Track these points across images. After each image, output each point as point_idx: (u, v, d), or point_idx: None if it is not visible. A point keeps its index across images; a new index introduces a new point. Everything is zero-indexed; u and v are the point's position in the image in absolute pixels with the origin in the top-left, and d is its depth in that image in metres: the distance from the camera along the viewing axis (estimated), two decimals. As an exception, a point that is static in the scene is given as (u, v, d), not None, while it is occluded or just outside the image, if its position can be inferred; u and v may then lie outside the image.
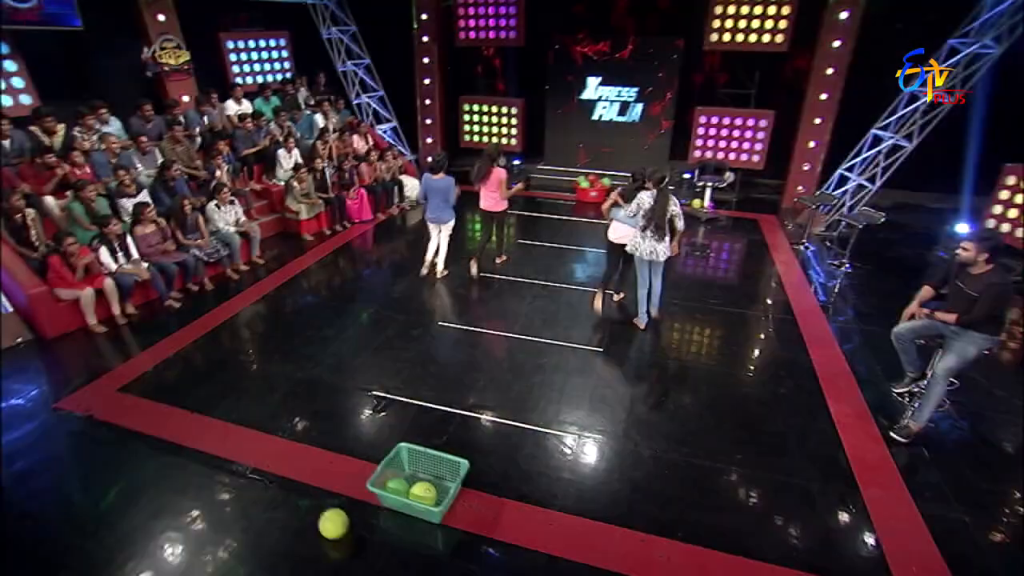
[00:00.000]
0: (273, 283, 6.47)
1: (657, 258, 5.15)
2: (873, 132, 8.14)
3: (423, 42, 10.17)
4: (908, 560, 3.10)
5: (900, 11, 8.40)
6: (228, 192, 6.58)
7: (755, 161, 9.56)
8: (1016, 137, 7.43)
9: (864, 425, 4.18)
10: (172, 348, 5.12)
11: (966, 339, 3.86)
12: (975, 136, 7.80)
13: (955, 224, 7.78)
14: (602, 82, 10.20)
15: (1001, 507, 3.52)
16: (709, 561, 3.08)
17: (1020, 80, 7.17)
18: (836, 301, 6.26)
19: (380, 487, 3.35)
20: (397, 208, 8.94)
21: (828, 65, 8.52)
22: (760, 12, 8.49)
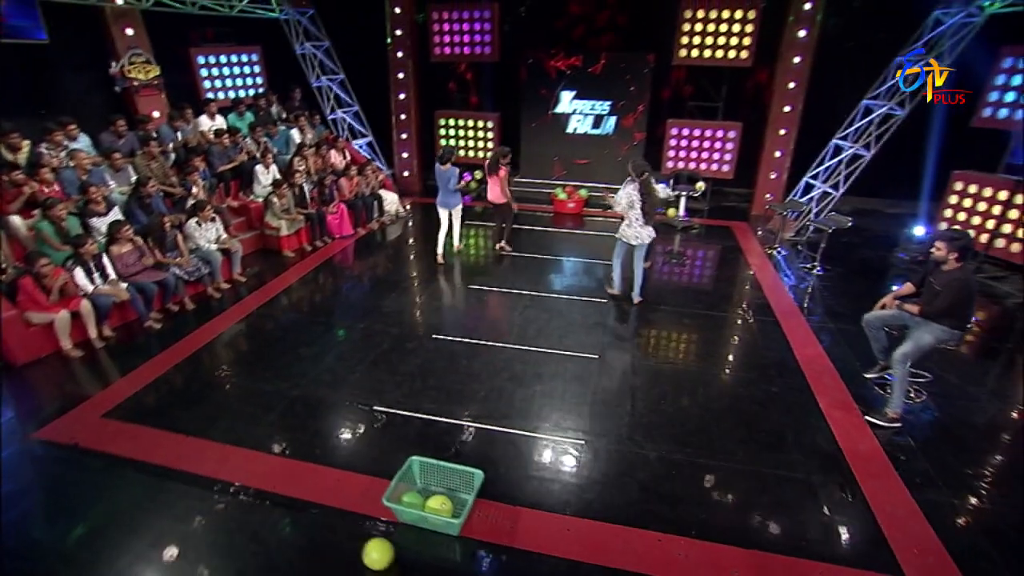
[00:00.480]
0: (257, 301, 6.32)
1: (642, 242, 5.95)
2: (834, 142, 8.61)
3: (398, 57, 10.19)
4: (909, 543, 3.26)
5: (852, 31, 8.94)
6: (211, 209, 6.40)
7: (725, 171, 9.93)
8: (962, 146, 7.98)
9: (853, 418, 4.38)
10: (156, 371, 4.93)
11: (924, 328, 4.16)
12: (925, 145, 8.35)
13: (912, 227, 8.26)
14: (576, 96, 10.43)
15: (981, 489, 3.74)
16: (724, 557, 3.16)
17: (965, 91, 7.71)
18: (812, 302, 6.55)
19: (395, 502, 3.30)
20: (377, 223, 8.88)
21: (790, 79, 8.99)
22: (725, 29, 8.89)
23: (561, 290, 6.78)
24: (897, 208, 9.79)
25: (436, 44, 10.11)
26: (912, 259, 7.67)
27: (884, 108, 8.00)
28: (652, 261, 7.71)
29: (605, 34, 10.34)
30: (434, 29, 9.98)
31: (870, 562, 3.15)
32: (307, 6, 9.64)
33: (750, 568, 3.09)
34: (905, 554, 3.19)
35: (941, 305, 4.04)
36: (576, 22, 10.42)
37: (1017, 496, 3.68)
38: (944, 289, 4.03)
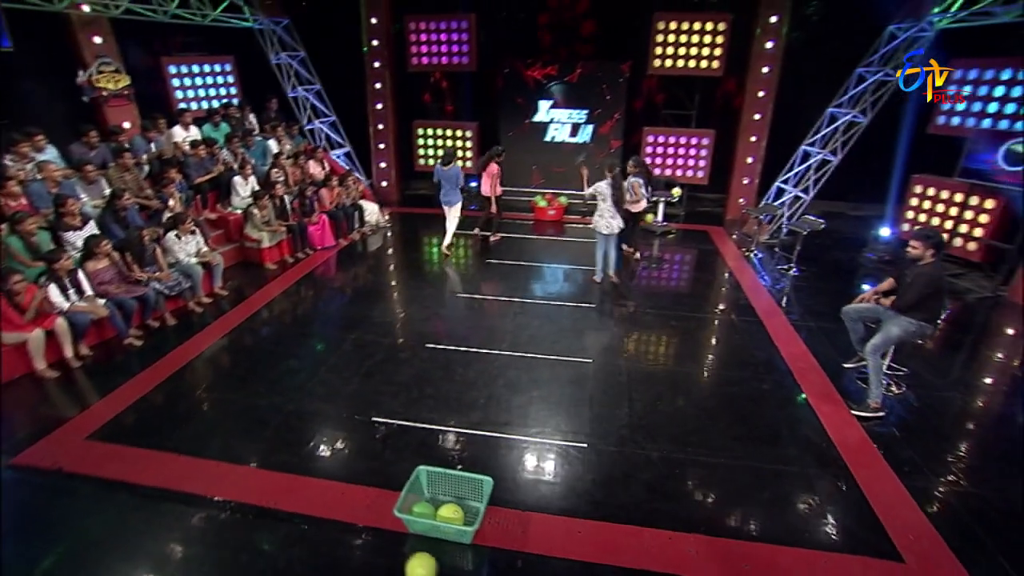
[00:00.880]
0: (241, 315, 6.16)
1: (613, 231, 6.72)
2: (802, 148, 8.99)
3: (374, 67, 10.16)
4: (904, 529, 3.40)
5: (815, 44, 9.35)
6: (191, 221, 6.23)
7: (700, 177, 10.22)
8: (921, 151, 8.43)
9: (840, 412, 4.55)
10: (140, 389, 4.75)
11: (893, 322, 4.39)
12: (887, 151, 8.78)
13: (878, 229, 8.66)
14: (553, 105, 10.59)
15: (963, 474, 3.93)
16: (734, 551, 3.24)
17: (921, 101, 8.16)
18: (791, 302, 6.78)
19: (406, 512, 3.27)
20: (358, 233, 8.79)
21: (759, 88, 9.34)
22: (697, 41, 9.20)
23: (549, 296, 6.84)
24: (861, 211, 10.23)
25: (413, 54, 10.12)
26: (879, 259, 8.03)
27: (848, 116, 8.40)
28: (636, 247, 8.18)
29: (581, 44, 10.51)
30: (411, 39, 10.00)
31: (870, 549, 3.27)
32: (281, 15, 9.53)
33: (759, 561, 3.17)
34: (902, 540, 3.33)
35: (909, 298, 4.26)
36: (552, 32, 10.56)
37: (996, 479, 3.88)
38: (913, 282, 4.25)
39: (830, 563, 3.18)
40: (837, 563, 3.18)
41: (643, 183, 7.79)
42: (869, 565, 3.17)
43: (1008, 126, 7.14)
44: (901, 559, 3.21)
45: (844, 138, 8.46)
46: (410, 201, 11.30)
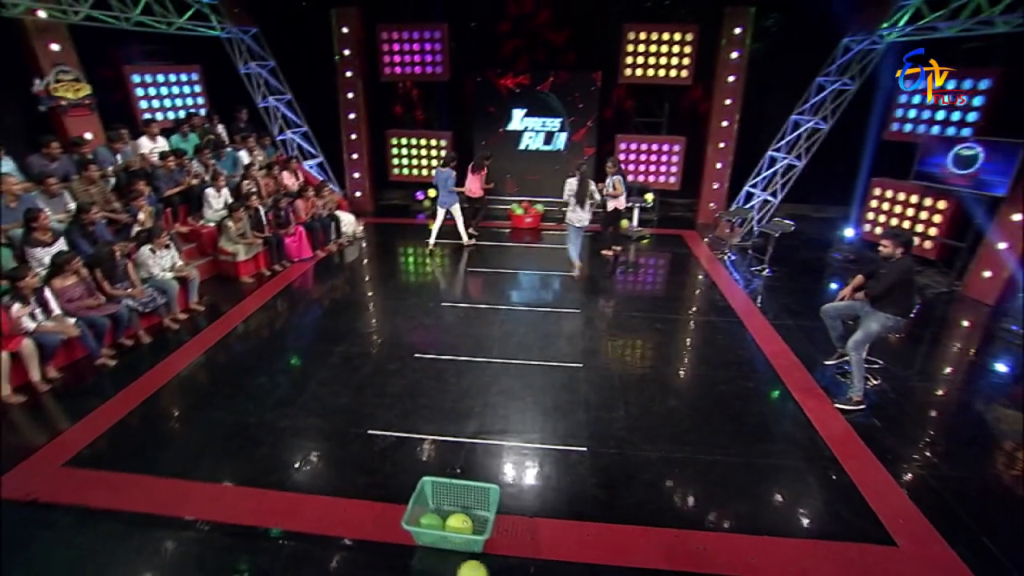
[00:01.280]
0: (220, 330, 5.96)
1: (583, 224, 7.36)
2: (769, 154, 9.35)
3: (346, 77, 10.05)
4: (894, 514, 3.56)
5: (777, 54, 9.76)
6: (166, 236, 6.00)
7: (672, 182, 10.50)
8: (879, 156, 8.88)
9: (824, 406, 4.74)
10: (118, 411, 4.54)
11: (871, 318, 4.61)
12: (847, 155, 9.22)
13: (842, 230, 9.07)
14: (527, 113, 10.69)
15: (940, 459, 4.15)
16: (739, 545, 3.32)
17: (878, 108, 8.64)
18: (766, 301, 7.02)
19: (414, 525, 3.22)
20: (335, 244, 8.64)
21: (726, 96, 9.68)
22: (666, 50, 9.49)
23: (533, 302, 6.88)
24: (824, 213, 10.70)
25: (386, 64, 10.07)
26: (845, 258, 8.41)
27: (811, 123, 8.80)
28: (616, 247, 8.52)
29: (553, 54, 10.67)
30: (383, 49, 9.94)
31: (865, 535, 3.41)
32: (250, 24, 9.34)
33: (765, 553, 3.26)
34: (893, 524, 3.48)
35: (880, 287, 4.48)
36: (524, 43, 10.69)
37: (970, 462, 4.12)
38: (887, 273, 4.48)
39: (829, 551, 3.30)
40: (836, 551, 3.30)
41: (622, 180, 8.08)
42: (865, 551, 3.30)
43: (955, 132, 7.62)
44: (894, 543, 3.36)
45: (808, 144, 8.86)
46: (385, 211, 11.20)
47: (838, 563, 3.22)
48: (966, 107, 7.51)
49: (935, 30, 7.38)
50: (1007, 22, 6.41)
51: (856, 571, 3.17)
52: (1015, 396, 5.02)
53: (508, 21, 10.50)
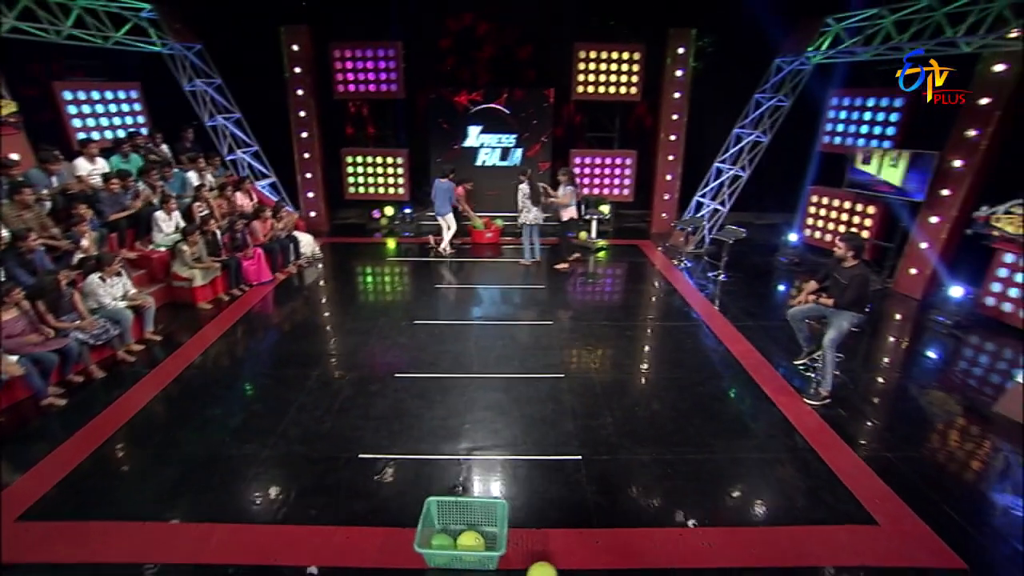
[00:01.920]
0: (182, 360, 5.61)
1: (539, 221, 8.37)
2: (716, 165, 9.91)
3: (297, 95, 9.81)
4: (871, 496, 3.83)
5: (717, 72, 10.41)
6: (118, 263, 5.60)
7: (625, 194, 10.90)
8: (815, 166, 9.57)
9: (795, 401, 5.03)
10: (74, 455, 4.17)
11: (841, 317, 4.95)
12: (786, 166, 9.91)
13: (785, 235, 9.71)
14: (483, 130, 10.82)
15: (902, 443, 4.51)
16: (740, 538, 3.47)
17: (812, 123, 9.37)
18: (727, 304, 7.38)
19: (425, 547, 3.15)
20: (295, 266, 8.35)
21: (673, 112, 10.20)
22: (616, 69, 9.92)
23: (505, 316, 6.92)
24: (765, 219, 11.41)
25: (339, 81, 9.92)
26: (790, 261, 9.00)
27: (752, 136, 9.42)
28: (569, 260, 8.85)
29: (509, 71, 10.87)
30: (336, 67, 9.80)
31: (849, 517, 3.65)
32: (193, 41, 8.97)
33: (765, 543, 3.42)
34: (871, 504, 3.75)
35: (851, 297, 4.84)
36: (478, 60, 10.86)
37: (925, 442, 4.51)
38: (850, 283, 4.84)
39: (821, 536, 3.50)
40: (826, 535, 3.51)
41: (573, 190, 8.39)
42: (853, 532, 3.53)
43: (877, 144, 8.38)
44: (875, 522, 3.61)
45: (750, 156, 9.46)
46: (341, 231, 10.94)
47: (829, 546, 3.43)
48: (885, 122, 8.30)
49: (853, 54, 8.15)
50: (912, 48, 7.17)
51: (847, 552, 3.38)
52: (945, 379, 5.55)
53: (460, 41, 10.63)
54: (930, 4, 6.84)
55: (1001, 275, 6.80)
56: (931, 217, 7.49)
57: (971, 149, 7.07)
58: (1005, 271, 6.76)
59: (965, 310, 6.88)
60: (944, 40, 6.79)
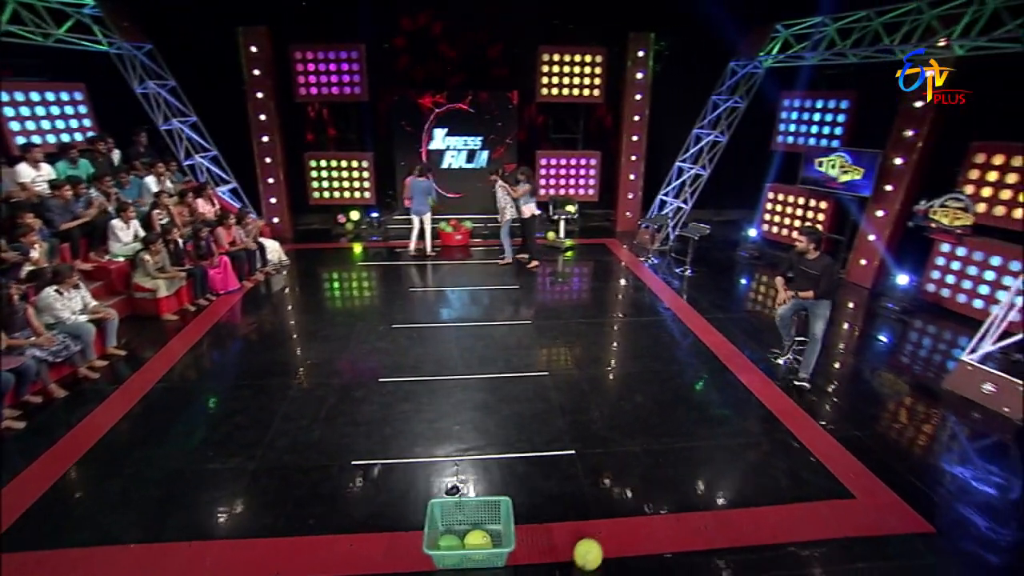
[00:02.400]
0: (151, 375, 5.36)
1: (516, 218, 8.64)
2: (677, 164, 10.26)
3: (257, 98, 9.50)
4: (846, 472, 4.09)
5: (676, 74, 10.77)
6: (76, 275, 5.28)
7: (591, 194, 11.13)
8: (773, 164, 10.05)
9: (768, 388, 5.29)
10: (40, 482, 3.90)
11: (821, 306, 5.24)
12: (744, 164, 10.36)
13: (745, 231, 10.16)
14: (449, 132, 10.80)
15: (869, 422, 4.83)
16: (733, 519, 3.64)
17: (767, 124, 9.84)
18: (695, 298, 7.66)
19: (433, 548, 3.15)
20: (262, 273, 8.09)
21: (635, 113, 10.50)
22: (579, 71, 10.13)
23: (482, 317, 6.94)
24: (723, 216, 11.87)
25: (301, 84, 9.68)
26: (751, 256, 9.43)
27: (711, 136, 9.81)
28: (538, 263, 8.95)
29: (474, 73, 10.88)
30: (297, 69, 9.56)
31: (830, 493, 3.89)
32: (143, 40, 8.54)
33: (756, 523, 3.60)
34: (847, 480, 4.01)
35: (826, 286, 5.12)
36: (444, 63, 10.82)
37: (887, 420, 4.85)
38: (823, 273, 5.11)
39: (805, 512, 3.71)
40: (810, 511, 3.73)
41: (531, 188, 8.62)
42: (833, 506, 3.77)
43: (827, 143, 8.91)
44: (852, 496, 3.87)
45: (710, 155, 9.84)
46: (305, 236, 10.67)
47: (814, 521, 3.64)
48: (833, 123, 8.84)
49: (802, 59, 8.63)
50: (856, 54, 7.68)
51: (830, 525, 3.60)
52: (898, 361, 5.98)
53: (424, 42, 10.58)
54: (868, 14, 7.33)
55: (939, 263, 7.36)
56: (877, 211, 8.02)
57: (909, 148, 7.62)
58: (943, 259, 7.33)
59: (910, 296, 7.42)
60: (882, 47, 7.28)
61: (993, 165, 6.80)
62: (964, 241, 7.01)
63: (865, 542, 3.49)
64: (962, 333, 6.52)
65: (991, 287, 6.82)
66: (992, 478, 4.11)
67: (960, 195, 6.96)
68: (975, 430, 4.76)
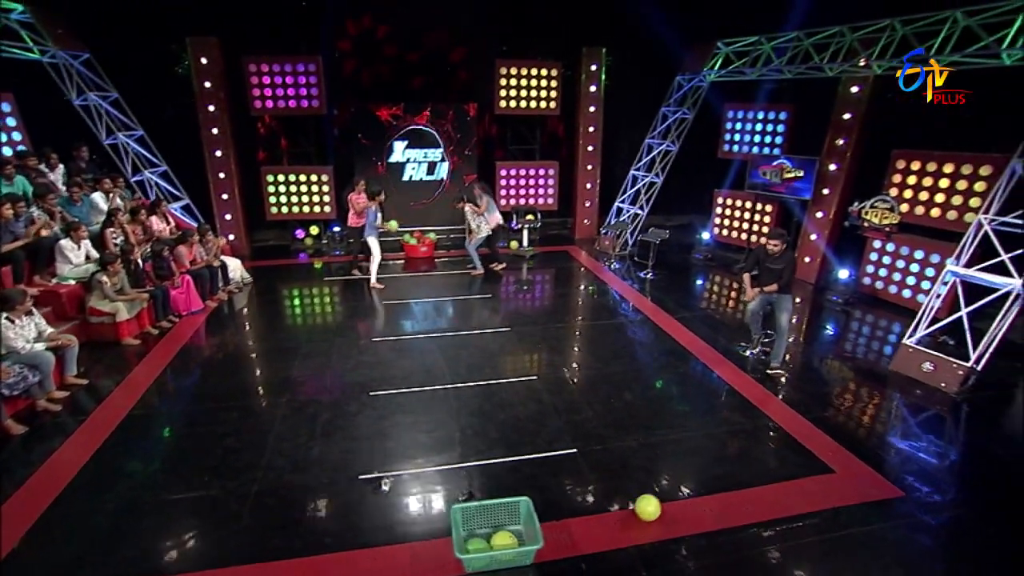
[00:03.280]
0: (122, 402, 5.04)
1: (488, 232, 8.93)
2: (632, 173, 10.74)
3: (209, 112, 9.13)
4: (824, 450, 4.47)
5: (625, 88, 11.30)
6: (28, 300, 4.88)
7: (550, 203, 11.43)
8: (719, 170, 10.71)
9: (742, 378, 5.67)
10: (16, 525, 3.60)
11: (786, 300, 5.69)
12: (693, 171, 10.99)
13: (700, 234, 10.76)
14: (408, 145, 10.79)
15: (837, 404, 5.29)
16: (733, 500, 3.89)
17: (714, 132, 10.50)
18: (661, 299, 8.04)
19: (463, 552, 3.19)
20: (224, 292, 7.75)
21: (589, 124, 10.92)
22: (536, 84, 10.44)
23: (462, 327, 6.99)
24: (674, 220, 12.48)
25: (256, 97, 9.39)
26: (705, 258, 10.00)
27: (662, 146, 10.36)
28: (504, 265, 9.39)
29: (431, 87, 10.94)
30: (252, 82, 9.28)
31: (812, 470, 4.24)
32: (79, 48, 8.03)
33: (753, 502, 3.87)
34: (826, 456, 4.38)
35: (789, 278, 5.57)
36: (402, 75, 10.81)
37: (850, 400, 5.33)
38: (786, 267, 5.57)
39: (794, 488, 4.03)
40: (798, 487, 4.05)
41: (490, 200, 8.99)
42: (818, 481, 4.11)
43: (769, 151, 9.64)
44: (832, 471, 4.23)
45: (662, 163, 10.39)
46: (262, 253, 10.30)
47: (803, 496, 3.96)
48: (773, 132, 9.59)
49: (743, 74, 9.32)
50: (790, 71, 8.40)
51: (817, 498, 3.93)
52: (848, 348, 6.58)
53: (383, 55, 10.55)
54: (798, 35, 8.06)
55: (873, 258, 8.13)
56: (817, 212, 8.76)
57: (841, 155, 8.41)
58: (875, 255, 8.10)
59: (851, 289, 8.15)
60: (813, 65, 8.01)
61: (912, 170, 7.61)
62: (892, 238, 7.79)
63: (849, 510, 3.84)
64: (896, 320, 7.24)
65: (916, 278, 7.61)
66: (936, 444, 4.63)
67: (887, 197, 7.74)
68: (919, 404, 5.32)
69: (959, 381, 5.45)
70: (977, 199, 6.82)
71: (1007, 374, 5.85)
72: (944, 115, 6.79)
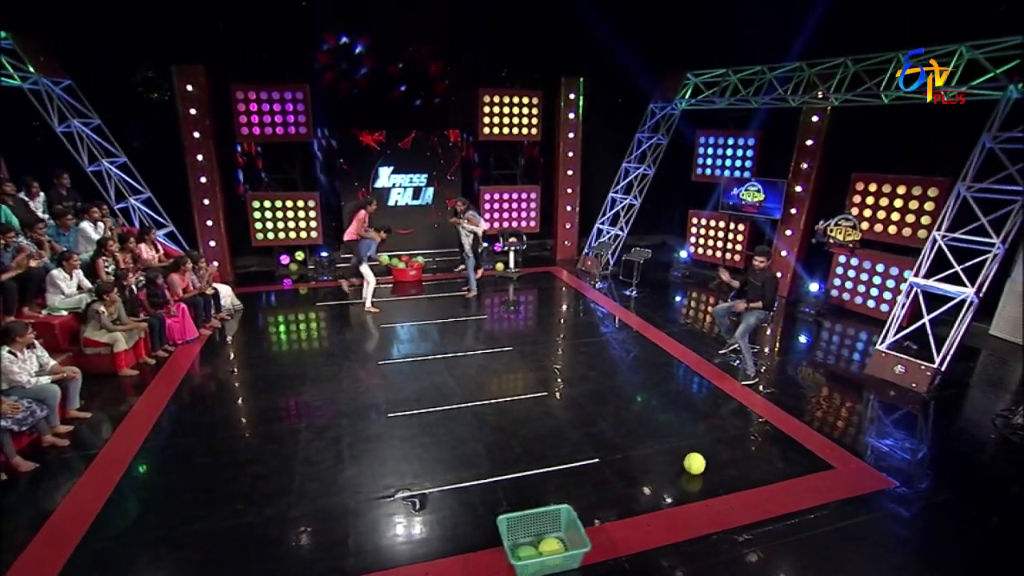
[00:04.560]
0: (132, 436, 4.91)
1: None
2: (611, 195, 11.23)
3: (194, 138, 9.04)
4: (823, 448, 4.85)
5: (602, 114, 11.85)
6: (30, 333, 4.74)
7: (532, 226, 11.77)
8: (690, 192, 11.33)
9: (736, 386, 6.04)
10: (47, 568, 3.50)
11: (748, 315, 6.13)
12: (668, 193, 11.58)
13: (677, 252, 11.29)
14: (394, 171, 10.95)
15: (823, 406, 5.72)
16: (750, 498, 4.19)
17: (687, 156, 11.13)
18: (649, 315, 8.41)
19: (516, 560, 3.33)
20: (217, 319, 7.63)
21: (569, 149, 11.38)
22: (518, 111, 10.86)
23: (463, 347, 7.11)
24: (647, 240, 13.03)
25: (243, 124, 9.38)
26: (683, 275, 10.52)
27: (639, 169, 10.91)
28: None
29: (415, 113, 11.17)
30: (239, 109, 9.27)
31: (814, 467, 4.60)
32: (61, 75, 7.88)
33: (768, 499, 4.18)
34: (825, 454, 4.76)
35: (772, 296, 6.02)
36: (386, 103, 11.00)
37: (839, 402, 5.78)
38: (765, 284, 6.03)
39: (800, 486, 4.37)
40: (804, 484, 4.40)
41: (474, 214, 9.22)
42: (821, 478, 4.47)
43: (740, 174, 10.31)
44: (832, 467, 4.60)
45: (639, 186, 10.93)
46: (246, 280, 10.14)
47: (808, 491, 4.30)
48: (743, 156, 10.28)
49: (713, 103, 10.00)
50: (757, 101, 9.11)
51: (821, 493, 4.27)
52: (823, 355, 7.14)
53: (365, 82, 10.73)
54: (762, 69, 8.78)
55: (839, 272, 8.78)
56: (787, 230, 9.42)
57: (806, 177, 9.12)
58: (841, 269, 8.76)
59: (821, 301, 8.76)
60: (776, 96, 8.73)
61: (870, 191, 8.35)
62: (856, 253, 8.46)
63: (851, 502, 4.20)
64: (864, 328, 7.85)
65: (879, 289, 8.28)
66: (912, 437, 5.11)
67: (848, 215, 8.44)
68: (895, 403, 5.81)
69: (928, 381, 5.99)
70: (928, 217, 7.56)
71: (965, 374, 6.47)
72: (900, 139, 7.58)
